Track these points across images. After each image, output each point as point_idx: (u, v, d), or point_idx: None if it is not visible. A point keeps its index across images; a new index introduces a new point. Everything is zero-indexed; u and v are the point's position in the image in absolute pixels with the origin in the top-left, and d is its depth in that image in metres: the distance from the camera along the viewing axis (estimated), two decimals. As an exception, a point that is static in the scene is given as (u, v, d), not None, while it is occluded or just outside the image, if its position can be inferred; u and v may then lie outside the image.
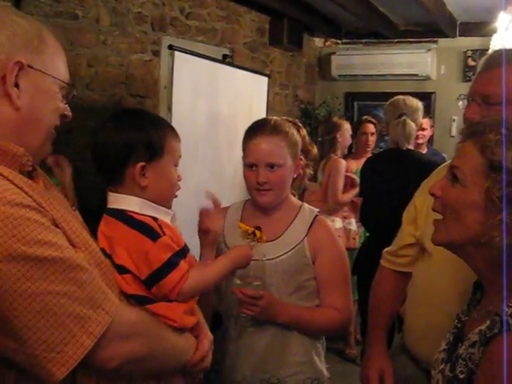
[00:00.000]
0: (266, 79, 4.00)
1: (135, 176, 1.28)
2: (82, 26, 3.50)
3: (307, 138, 1.97)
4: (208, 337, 1.41)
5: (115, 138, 1.28)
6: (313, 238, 1.82)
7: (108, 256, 1.23)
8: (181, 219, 2.98)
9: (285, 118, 1.96)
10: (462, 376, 1.08)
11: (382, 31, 5.75)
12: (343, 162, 4.02)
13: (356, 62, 5.94)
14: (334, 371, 3.63)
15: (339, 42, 6.22)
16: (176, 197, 1.42)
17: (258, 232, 1.53)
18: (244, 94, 3.72)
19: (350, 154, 4.36)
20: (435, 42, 5.77)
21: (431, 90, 5.79)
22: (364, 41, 6.07)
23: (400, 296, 1.80)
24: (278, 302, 1.76)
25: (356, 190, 3.85)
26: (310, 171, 1.99)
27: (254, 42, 5.23)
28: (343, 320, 1.86)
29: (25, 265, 0.96)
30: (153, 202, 1.31)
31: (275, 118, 1.90)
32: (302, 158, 1.89)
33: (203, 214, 1.58)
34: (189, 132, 3.17)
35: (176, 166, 1.38)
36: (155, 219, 1.28)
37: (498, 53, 1.50)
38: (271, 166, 1.77)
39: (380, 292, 1.86)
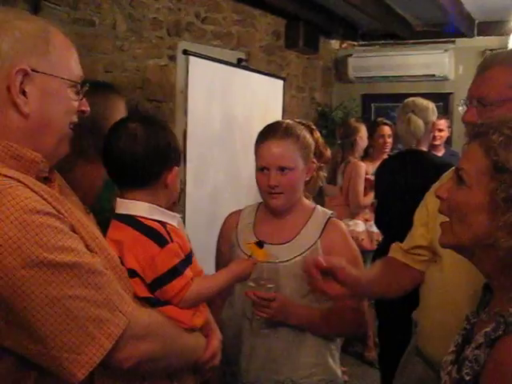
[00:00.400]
0: (281, 82, 4.00)
1: (168, 180, 1.31)
2: (98, 33, 3.55)
3: (321, 141, 1.97)
4: (217, 335, 1.44)
5: (155, 142, 1.29)
6: (326, 240, 1.82)
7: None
8: (196, 222, 3.02)
9: (298, 120, 1.96)
10: (467, 378, 1.07)
11: (398, 32, 5.72)
12: (363, 165, 4.01)
13: (373, 63, 5.92)
14: (352, 374, 3.66)
15: (356, 43, 6.20)
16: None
17: (255, 253, 1.52)
18: (259, 98, 3.73)
19: (367, 156, 4.35)
20: (453, 42, 5.72)
21: (449, 91, 5.74)
22: (381, 42, 6.04)
23: (393, 285, 1.73)
24: (291, 304, 1.76)
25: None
26: (323, 174, 1.99)
27: (270, 45, 5.24)
28: (358, 321, 1.86)
29: (46, 271, 0.99)
30: (163, 205, 1.32)
31: (287, 121, 1.90)
32: (315, 160, 1.89)
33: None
34: (204, 136, 3.20)
35: None
36: (164, 224, 1.29)
37: (490, 55, 1.54)
38: (282, 169, 1.78)
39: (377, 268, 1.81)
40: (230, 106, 3.38)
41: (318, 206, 1.93)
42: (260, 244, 1.53)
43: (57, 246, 1.01)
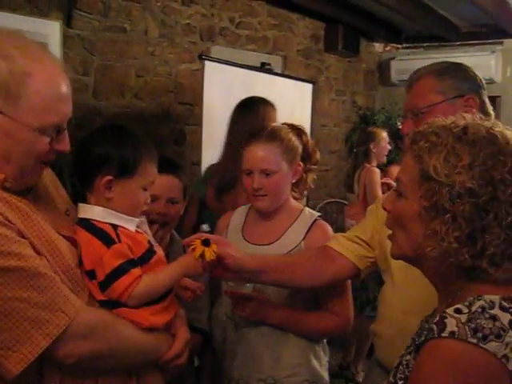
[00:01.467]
0: (310, 86, 4.01)
1: (100, 187, 1.35)
2: (130, 39, 3.70)
3: (310, 143, 1.99)
4: (183, 335, 1.46)
5: (93, 148, 1.36)
6: (310, 242, 1.84)
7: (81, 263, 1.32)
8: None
9: (289, 123, 1.99)
10: (400, 382, 1.07)
11: (443, 34, 5.60)
12: (376, 170, 3.95)
13: (417, 66, 5.62)
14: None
15: (399, 46, 6.11)
16: (142, 216, 1.48)
17: (198, 250, 1.50)
18: (285, 102, 3.76)
19: (395, 160, 4.28)
20: (501, 43, 5.54)
21: (496, 94, 5.53)
22: (425, 45, 5.92)
23: (310, 273, 1.70)
24: (269, 305, 1.79)
25: None
26: (313, 176, 2.00)
27: (308, 48, 5.26)
28: (340, 324, 1.86)
29: None
30: (121, 211, 1.37)
31: (274, 124, 1.94)
32: (301, 163, 1.91)
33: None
34: (221, 139, 3.27)
35: (145, 189, 1.42)
36: (115, 227, 1.34)
37: (415, 71, 1.66)
38: (265, 172, 1.81)
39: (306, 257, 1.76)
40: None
41: (306, 208, 1.95)
42: (206, 242, 1.45)
43: (0, 251, 1.09)
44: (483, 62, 5.50)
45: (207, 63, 3.29)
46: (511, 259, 1.01)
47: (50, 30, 3.19)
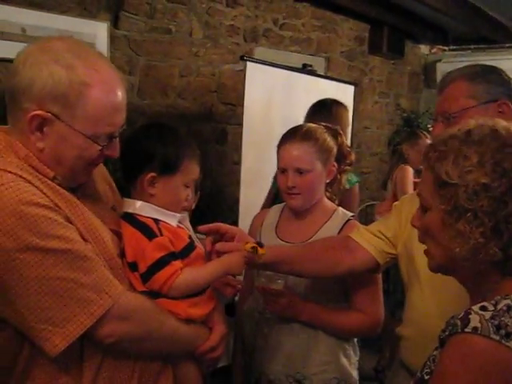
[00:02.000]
0: (352, 88, 4.01)
1: (144, 183, 1.41)
2: (175, 40, 3.78)
3: (345, 145, 2.00)
4: (220, 329, 1.49)
5: (138, 146, 1.42)
6: None
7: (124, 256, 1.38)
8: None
9: (324, 124, 2.01)
10: (426, 377, 1.09)
11: (492, 36, 5.49)
12: (409, 169, 3.89)
13: None
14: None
15: (446, 48, 6.01)
16: (187, 210, 1.53)
17: (254, 249, 1.56)
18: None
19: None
20: (554, 45, 5.40)
21: (546, 98, 5.39)
22: (473, 47, 5.81)
23: (325, 263, 1.70)
24: (300, 301, 1.81)
25: None
26: (347, 177, 2.02)
27: (352, 50, 5.24)
28: (370, 323, 1.86)
29: (38, 255, 1.13)
30: (162, 206, 1.42)
31: (309, 124, 1.96)
32: (335, 163, 1.92)
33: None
34: (262, 139, 3.31)
35: (188, 186, 1.46)
36: (157, 222, 1.39)
37: (447, 74, 1.64)
38: (300, 171, 1.84)
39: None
40: (291, 110, 3.45)
41: (340, 208, 1.96)
42: (260, 245, 1.52)
43: (49, 234, 1.15)
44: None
45: (249, 64, 3.33)
46: None
47: (98, 31, 3.31)
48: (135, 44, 3.58)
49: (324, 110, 2.93)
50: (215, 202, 3.77)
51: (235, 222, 3.33)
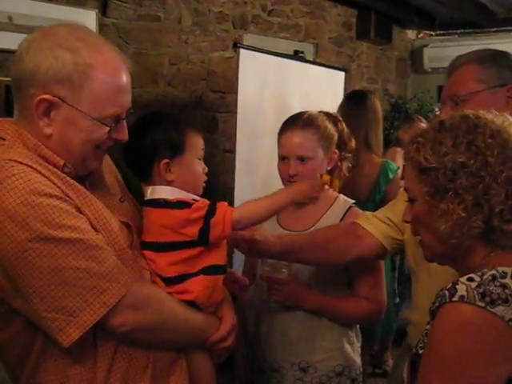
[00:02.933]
0: (342, 74, 4.00)
1: (161, 172, 1.41)
2: (164, 27, 3.74)
3: (346, 132, 1.99)
4: (230, 319, 1.49)
5: (142, 139, 1.42)
6: None
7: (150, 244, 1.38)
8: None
9: (324, 111, 1.99)
10: (421, 352, 1.13)
11: (478, 21, 5.51)
12: (398, 151, 3.87)
13: (450, 53, 5.57)
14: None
15: (433, 33, 6.02)
16: (204, 186, 1.53)
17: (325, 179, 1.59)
18: (317, 89, 3.76)
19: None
20: (539, 29, 5.43)
21: (532, 82, 5.44)
22: (459, 31, 5.83)
23: (336, 250, 1.71)
24: (304, 290, 1.81)
25: None
26: (348, 164, 2.01)
27: (340, 36, 5.23)
28: (372, 310, 1.87)
29: (50, 244, 1.12)
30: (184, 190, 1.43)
31: (310, 111, 1.94)
32: (336, 151, 1.92)
33: None
34: (255, 126, 3.29)
35: (200, 158, 1.49)
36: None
37: (457, 57, 1.63)
38: (301, 158, 1.83)
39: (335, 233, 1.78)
40: (283, 97, 3.44)
41: (341, 196, 1.96)
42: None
43: (60, 224, 1.14)
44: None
45: (242, 51, 3.30)
46: None
47: (86, 19, 3.25)
48: (124, 32, 3.53)
49: (360, 101, 3.04)
50: (207, 190, 3.73)
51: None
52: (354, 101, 3.07)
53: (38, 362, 1.22)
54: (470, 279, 1.05)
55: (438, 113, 1.71)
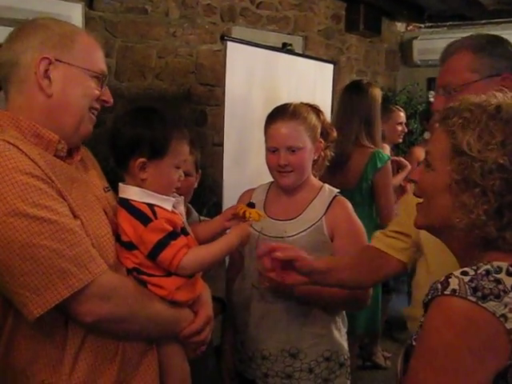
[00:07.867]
0: (331, 66, 4.00)
1: (135, 169, 1.41)
2: (151, 20, 3.72)
3: (327, 122, 2.03)
4: (206, 313, 1.49)
5: (125, 132, 1.41)
6: (331, 217, 1.88)
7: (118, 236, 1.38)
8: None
9: (305, 102, 2.01)
10: (414, 343, 1.12)
11: (468, 13, 5.52)
12: (386, 146, 3.83)
13: (440, 46, 5.51)
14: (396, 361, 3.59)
15: (422, 25, 6.03)
16: (180, 197, 1.52)
17: (247, 212, 1.58)
18: (306, 82, 3.75)
19: (417, 141, 4.24)
20: (527, 21, 5.44)
21: (521, 73, 5.46)
22: (448, 24, 5.84)
23: (366, 273, 1.72)
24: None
25: (405, 173, 3.67)
26: (330, 153, 2.03)
27: (329, 29, 5.22)
28: (357, 296, 1.88)
29: (24, 221, 1.15)
30: (155, 191, 1.42)
31: (295, 103, 1.95)
32: (322, 140, 1.93)
33: None
34: (244, 119, 3.29)
35: (178, 167, 1.47)
36: (151, 206, 1.39)
37: (450, 44, 1.57)
38: (291, 149, 1.85)
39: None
40: (272, 90, 3.43)
41: (326, 185, 1.97)
42: (251, 205, 1.57)
43: (37, 203, 1.17)
44: (510, 40, 5.41)
45: (229, 44, 3.29)
46: None
47: (72, 12, 3.22)
48: (111, 25, 3.51)
49: (360, 91, 3.05)
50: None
51: (218, 203, 3.32)
52: (353, 91, 3.07)
53: (11, 339, 1.24)
54: (464, 273, 1.03)
55: (431, 99, 1.66)
